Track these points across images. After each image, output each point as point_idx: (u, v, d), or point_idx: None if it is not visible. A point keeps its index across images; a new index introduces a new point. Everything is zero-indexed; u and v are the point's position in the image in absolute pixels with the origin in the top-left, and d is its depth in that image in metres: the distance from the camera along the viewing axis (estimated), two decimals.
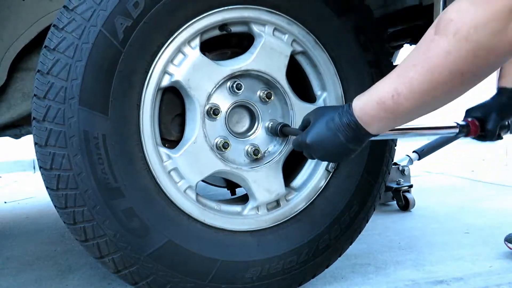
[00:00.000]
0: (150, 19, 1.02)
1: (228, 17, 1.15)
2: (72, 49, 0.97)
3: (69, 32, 0.97)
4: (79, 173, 0.98)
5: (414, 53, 0.81)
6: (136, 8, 1.01)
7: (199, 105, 1.13)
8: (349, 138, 0.93)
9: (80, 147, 0.98)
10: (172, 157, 1.11)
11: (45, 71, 0.97)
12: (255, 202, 1.21)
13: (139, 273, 1.06)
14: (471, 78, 0.77)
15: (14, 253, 1.76)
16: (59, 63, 0.97)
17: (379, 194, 1.34)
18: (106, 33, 0.98)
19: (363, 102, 0.89)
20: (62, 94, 0.97)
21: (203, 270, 1.12)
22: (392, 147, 1.35)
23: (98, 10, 0.98)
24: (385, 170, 1.34)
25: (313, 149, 0.98)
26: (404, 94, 0.81)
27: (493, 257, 1.50)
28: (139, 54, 1.03)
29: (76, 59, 0.97)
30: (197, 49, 1.12)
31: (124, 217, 1.02)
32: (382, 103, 0.85)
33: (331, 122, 0.94)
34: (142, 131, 1.07)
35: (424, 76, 0.78)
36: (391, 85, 0.84)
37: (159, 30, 1.05)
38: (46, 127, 0.97)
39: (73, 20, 0.98)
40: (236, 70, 1.16)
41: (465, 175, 3.25)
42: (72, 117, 0.97)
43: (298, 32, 1.23)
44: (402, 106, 0.83)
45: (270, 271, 1.19)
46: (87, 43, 0.97)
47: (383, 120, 0.88)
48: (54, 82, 0.97)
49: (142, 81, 1.05)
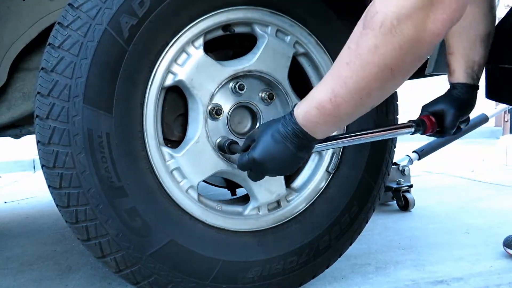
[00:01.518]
0: (155, 18, 1.02)
1: (232, 17, 1.15)
2: (77, 47, 0.96)
3: (74, 30, 0.97)
4: (83, 171, 0.98)
5: (346, 50, 0.79)
6: (141, 7, 1.00)
7: (202, 104, 1.13)
8: (298, 146, 0.92)
9: (84, 145, 0.97)
10: (175, 157, 1.11)
11: (50, 68, 0.96)
12: (256, 203, 1.22)
13: (141, 272, 1.06)
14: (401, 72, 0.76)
15: (14, 253, 1.75)
16: (64, 61, 0.96)
17: (378, 195, 1.36)
18: (111, 32, 0.98)
19: (304, 110, 0.88)
20: (67, 92, 0.96)
21: (205, 270, 1.12)
22: (391, 148, 1.37)
23: (104, 8, 0.98)
24: (385, 171, 1.35)
25: (263, 165, 0.95)
26: (342, 95, 0.80)
27: (493, 257, 1.50)
28: (144, 53, 1.03)
29: (81, 57, 0.96)
30: (201, 49, 1.12)
31: (127, 217, 1.02)
32: (322, 107, 0.84)
33: (277, 134, 0.92)
34: (146, 130, 1.06)
35: (357, 73, 0.77)
36: (327, 88, 0.83)
37: (164, 29, 1.05)
38: (49, 125, 0.96)
39: (79, 18, 0.97)
40: (239, 70, 1.17)
41: (465, 175, 3.22)
42: (76, 115, 0.96)
43: (300, 33, 1.23)
44: (342, 107, 0.82)
45: (271, 271, 1.19)
46: (92, 41, 0.97)
47: (327, 124, 0.88)
48: (58, 80, 0.96)
49: (146, 80, 1.05)
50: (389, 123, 1.34)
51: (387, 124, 1.33)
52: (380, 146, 1.33)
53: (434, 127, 1.17)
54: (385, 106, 1.34)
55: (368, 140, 1.15)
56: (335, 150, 1.30)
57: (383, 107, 1.34)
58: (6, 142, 2.28)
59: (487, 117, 2.52)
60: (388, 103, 1.34)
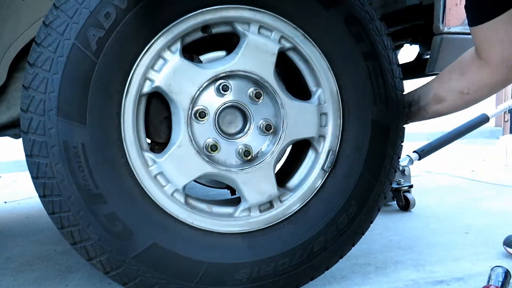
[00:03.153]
0: (122, 29, 1.04)
1: (208, 18, 1.13)
2: (48, 63, 1.01)
3: (46, 47, 1.01)
4: (61, 180, 1.03)
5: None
6: (107, 19, 1.03)
7: (183, 109, 1.13)
8: None
9: (61, 156, 1.03)
10: (157, 162, 1.13)
11: (27, 85, 1.02)
12: (246, 204, 1.21)
13: (126, 274, 1.10)
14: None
15: (14, 253, 1.78)
16: (37, 77, 1.01)
17: (382, 194, 1.27)
18: (79, 45, 1.01)
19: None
20: (42, 107, 1.02)
21: (190, 271, 1.13)
22: (395, 144, 1.27)
23: (71, 23, 1.01)
24: (388, 168, 1.26)
25: None
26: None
27: (493, 257, 1.46)
28: (115, 64, 1.05)
29: (52, 72, 1.01)
30: (177, 54, 1.12)
31: (106, 222, 1.06)
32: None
33: None
34: (124, 138, 1.09)
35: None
36: None
37: (134, 38, 1.06)
38: (30, 138, 1.03)
39: (49, 35, 1.02)
40: (220, 71, 1.15)
41: (465, 175, 3.20)
42: (52, 128, 1.02)
43: (285, 28, 1.18)
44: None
45: (260, 273, 1.18)
46: (61, 56, 1.01)
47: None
48: (34, 96, 1.02)
49: (121, 90, 1.08)
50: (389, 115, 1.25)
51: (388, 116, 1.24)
52: (380, 142, 1.24)
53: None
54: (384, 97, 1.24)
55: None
56: (331, 148, 1.24)
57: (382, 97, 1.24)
58: (6, 142, 2.34)
59: (488, 117, 2.48)
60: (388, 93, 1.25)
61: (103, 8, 1.02)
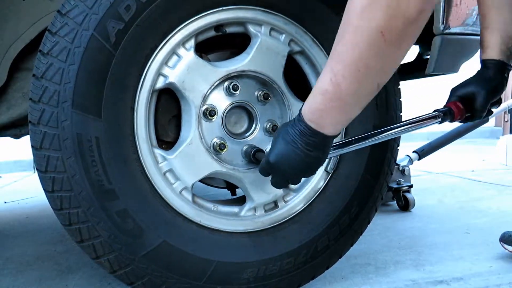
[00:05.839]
0: (142, 22, 1.03)
1: (223, 17, 1.14)
2: (65, 53, 0.98)
3: (62, 37, 0.98)
4: (73, 175, 1.00)
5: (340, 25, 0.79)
6: (127, 11, 1.01)
7: (194, 106, 1.13)
8: (308, 145, 0.89)
9: (74, 149, 0.99)
10: (168, 159, 1.12)
11: (39, 75, 0.98)
12: (252, 203, 1.21)
13: (135, 273, 1.07)
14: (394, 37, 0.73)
15: (14, 253, 1.77)
16: (52, 67, 0.98)
17: (380, 195, 1.32)
18: (98, 37, 0.99)
19: (309, 102, 0.87)
20: (56, 98, 0.98)
21: (199, 270, 1.12)
22: (394, 147, 1.33)
23: (90, 14, 0.99)
24: (387, 170, 1.32)
25: (279, 168, 0.94)
26: (340, 71, 0.78)
27: (493, 257, 1.49)
28: (132, 57, 1.04)
29: (69, 63, 0.98)
30: (191, 51, 1.12)
31: (118, 219, 1.04)
32: (325, 91, 0.82)
33: (287, 135, 0.91)
34: (137, 133, 1.07)
35: (349, 41, 0.75)
36: (326, 69, 0.81)
37: (152, 33, 1.05)
38: (40, 130, 0.99)
39: (66, 24, 0.99)
40: (232, 71, 1.16)
41: (465, 175, 3.21)
42: (66, 120, 0.98)
43: (295, 31, 1.21)
44: (342, 86, 0.79)
45: (266, 272, 1.19)
46: (79, 47, 0.98)
47: (332, 112, 0.84)
48: (48, 86, 0.98)
49: (136, 84, 1.06)
50: (390, 120, 1.30)
51: (390, 122, 1.29)
52: (381, 145, 1.30)
53: (462, 113, 1.12)
54: (385, 101, 1.30)
55: (390, 137, 1.10)
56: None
57: (383, 102, 1.30)
58: (6, 142, 2.30)
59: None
60: (388, 98, 1.30)
61: (124, 0, 1.00)
